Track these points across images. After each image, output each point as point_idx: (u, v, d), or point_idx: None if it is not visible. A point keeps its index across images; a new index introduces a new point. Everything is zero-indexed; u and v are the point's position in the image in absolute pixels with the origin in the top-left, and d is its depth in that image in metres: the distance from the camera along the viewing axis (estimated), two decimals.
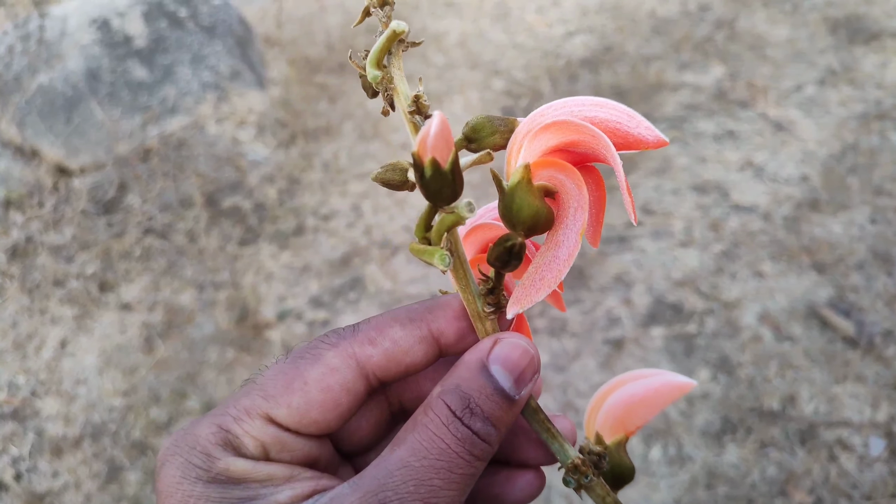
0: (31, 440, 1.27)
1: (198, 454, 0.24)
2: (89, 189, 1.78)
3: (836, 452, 1.14)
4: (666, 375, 0.30)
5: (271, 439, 0.25)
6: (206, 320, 1.46)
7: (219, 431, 0.25)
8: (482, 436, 0.24)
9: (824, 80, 1.94)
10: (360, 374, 0.26)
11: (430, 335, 0.27)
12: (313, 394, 0.26)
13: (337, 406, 0.26)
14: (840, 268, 1.41)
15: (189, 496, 0.24)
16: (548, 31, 2.34)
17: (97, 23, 2.04)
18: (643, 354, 1.30)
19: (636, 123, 0.26)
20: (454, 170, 0.24)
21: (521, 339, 0.26)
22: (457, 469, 0.24)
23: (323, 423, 0.26)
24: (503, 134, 0.27)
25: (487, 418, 0.25)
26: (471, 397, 0.25)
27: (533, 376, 0.26)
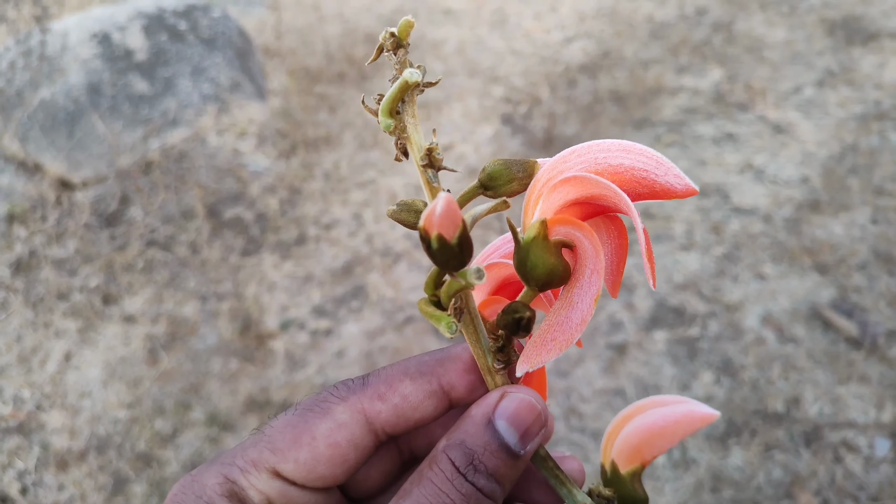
0: (37, 454, 1.28)
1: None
2: (92, 202, 1.79)
3: (842, 454, 1.13)
4: (688, 404, 0.27)
5: (277, 494, 0.25)
6: (210, 331, 1.46)
7: (225, 482, 0.25)
8: (486, 492, 0.24)
9: (823, 81, 1.94)
10: (368, 429, 0.26)
11: (441, 389, 0.27)
12: (321, 449, 0.26)
13: (344, 462, 0.26)
14: (842, 268, 1.41)
15: None
16: (546, 37, 2.35)
17: (98, 37, 2.06)
18: (646, 358, 1.30)
19: (664, 171, 0.25)
20: (461, 243, 0.24)
21: (529, 394, 0.26)
22: None
23: (330, 477, 0.26)
24: (521, 181, 0.27)
25: (492, 475, 0.24)
26: (475, 453, 0.24)
27: (539, 430, 0.26)
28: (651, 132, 1.85)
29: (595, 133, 1.87)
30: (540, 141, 1.87)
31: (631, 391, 1.25)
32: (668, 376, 1.27)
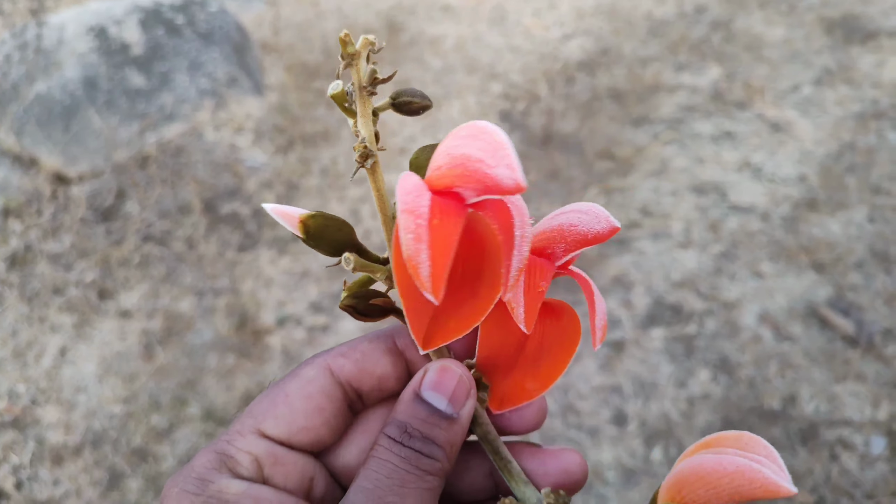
0: (32, 448, 1.27)
1: (192, 481, 0.26)
2: (88, 197, 1.78)
3: (838, 451, 1.14)
4: (763, 468, 0.24)
5: (264, 452, 0.27)
6: (206, 327, 1.46)
7: (215, 456, 0.27)
8: (425, 453, 0.26)
9: (821, 79, 1.94)
10: (335, 381, 0.29)
11: (396, 349, 0.30)
12: (296, 402, 0.28)
13: (321, 411, 0.28)
14: (839, 267, 1.41)
15: None
16: (544, 34, 2.35)
17: (94, 31, 2.05)
18: (643, 356, 1.30)
19: (496, 162, 0.23)
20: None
21: (449, 363, 0.28)
22: (409, 484, 0.25)
23: (311, 429, 0.28)
24: None
25: (427, 438, 0.26)
26: (408, 424, 0.27)
27: (466, 392, 0.28)
28: (649, 130, 1.85)
29: (594, 130, 1.87)
30: (538, 138, 1.87)
31: (628, 388, 1.25)
32: (666, 374, 1.27)
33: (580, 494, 1.11)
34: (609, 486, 1.13)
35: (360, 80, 0.28)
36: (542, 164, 1.77)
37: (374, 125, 0.30)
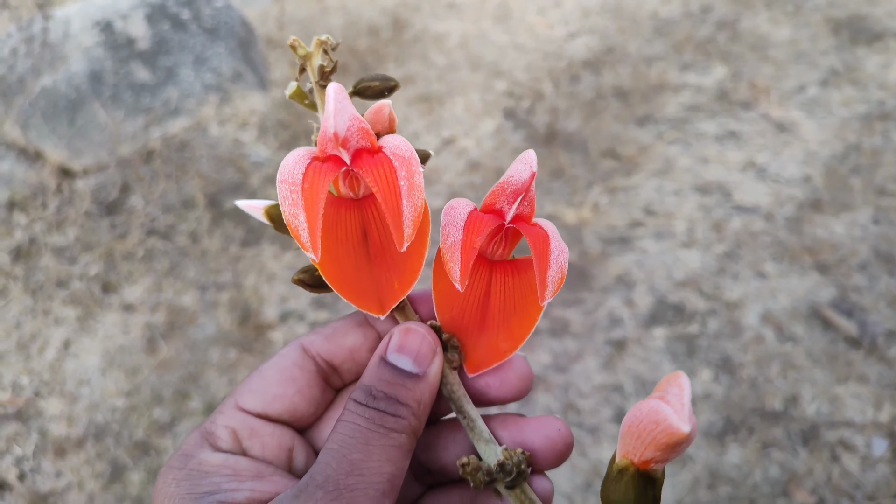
0: (35, 440, 1.28)
1: (177, 458, 0.27)
2: (92, 190, 1.78)
3: (839, 453, 1.14)
4: (667, 408, 0.24)
5: (241, 425, 0.29)
6: (209, 321, 1.46)
7: (198, 434, 0.28)
8: (389, 412, 0.27)
9: (827, 80, 1.93)
10: (306, 355, 0.30)
11: (367, 322, 0.31)
12: (269, 375, 0.30)
13: (293, 381, 0.30)
14: (842, 268, 1.41)
15: (167, 497, 0.26)
16: (549, 32, 2.34)
17: (100, 25, 2.05)
18: (645, 355, 1.30)
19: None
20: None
21: (412, 324, 0.29)
22: (373, 441, 0.26)
23: (284, 397, 0.29)
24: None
25: (390, 397, 0.27)
26: (372, 387, 0.28)
27: (432, 352, 0.29)
28: (654, 129, 1.85)
29: (597, 129, 1.87)
30: (542, 136, 1.87)
31: (629, 387, 1.25)
32: (667, 372, 1.27)
33: (580, 493, 1.11)
34: None
35: (314, 76, 0.30)
36: (546, 162, 1.77)
37: None
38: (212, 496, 0.26)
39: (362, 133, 0.28)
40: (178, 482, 0.26)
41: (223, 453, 0.28)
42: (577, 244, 1.52)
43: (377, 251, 0.29)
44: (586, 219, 1.58)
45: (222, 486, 0.26)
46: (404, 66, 2.22)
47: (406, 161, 0.28)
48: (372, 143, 0.29)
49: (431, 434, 0.31)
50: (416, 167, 0.28)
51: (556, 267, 0.29)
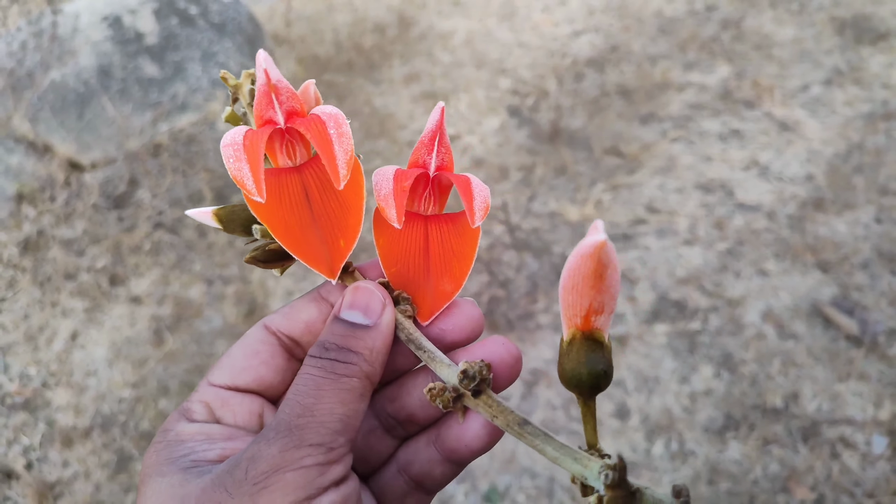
0: (42, 430, 1.29)
1: (159, 433, 0.30)
2: (100, 184, 1.80)
3: (839, 450, 1.14)
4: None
5: (213, 398, 0.31)
6: (215, 314, 1.47)
7: (177, 412, 0.31)
8: (340, 360, 0.29)
9: (831, 79, 1.94)
10: (268, 332, 0.33)
11: (320, 297, 0.34)
12: (235, 353, 0.32)
13: (256, 354, 0.32)
14: (844, 267, 1.42)
15: (148, 465, 0.29)
16: (554, 30, 2.35)
17: (109, 20, 2.06)
18: (647, 351, 1.31)
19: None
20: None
21: (361, 283, 0.32)
22: (325, 386, 0.28)
23: (249, 368, 0.32)
24: None
25: (342, 347, 0.29)
26: (326, 340, 0.30)
27: (381, 304, 0.31)
28: (657, 127, 1.86)
29: (601, 126, 1.88)
30: (546, 133, 1.87)
31: (631, 383, 1.26)
32: (668, 369, 1.28)
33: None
34: None
35: (246, 101, 0.34)
36: (550, 159, 1.78)
37: None
38: (186, 457, 0.28)
39: (291, 94, 0.32)
40: (157, 452, 0.29)
41: (198, 423, 0.30)
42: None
43: (320, 211, 0.32)
44: (589, 216, 1.59)
45: (196, 449, 0.29)
46: (409, 64, 2.23)
47: (333, 116, 0.32)
48: (301, 107, 0.33)
49: (395, 387, 0.34)
50: (343, 121, 0.32)
51: (480, 198, 0.33)
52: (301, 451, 0.26)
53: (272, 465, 0.26)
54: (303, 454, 0.26)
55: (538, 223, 1.59)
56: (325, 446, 0.27)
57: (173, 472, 0.28)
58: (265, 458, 0.26)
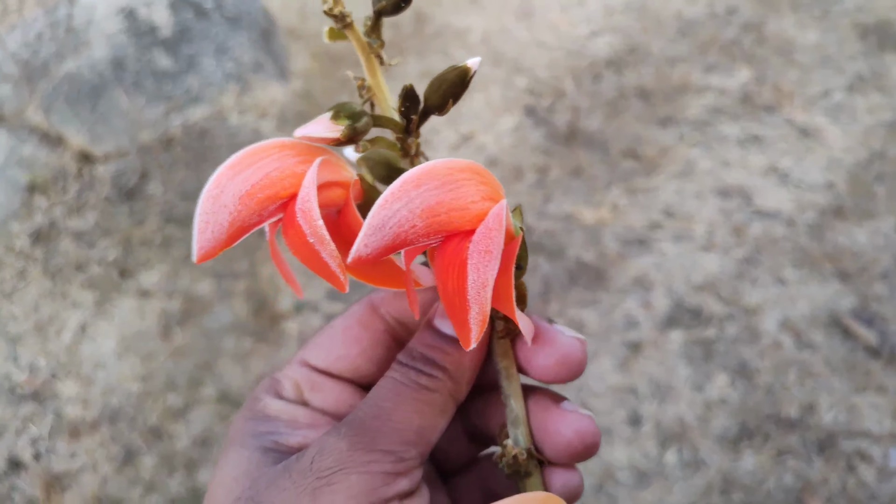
0: (50, 421, 1.29)
1: (250, 399, 0.31)
2: (112, 176, 1.80)
3: (855, 463, 1.12)
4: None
5: (304, 378, 0.31)
6: (224, 310, 1.47)
7: (269, 382, 0.31)
8: (424, 371, 0.28)
9: (853, 86, 1.91)
10: (374, 312, 0.31)
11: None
12: (336, 332, 0.31)
13: (357, 341, 0.31)
14: (864, 277, 1.39)
15: (235, 431, 0.29)
16: (572, 30, 2.33)
17: (124, 12, 2.06)
18: (661, 357, 1.29)
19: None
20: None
21: None
22: (404, 393, 0.28)
23: (347, 357, 0.31)
24: None
25: (427, 358, 0.29)
26: (414, 348, 0.29)
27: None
28: (675, 130, 1.83)
29: (619, 128, 1.86)
30: (563, 134, 1.86)
31: (644, 389, 1.25)
32: (683, 376, 1.26)
33: (592, 495, 1.10)
34: (621, 487, 1.12)
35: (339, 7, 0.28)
36: (566, 160, 1.76)
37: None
38: (269, 436, 0.29)
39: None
40: (244, 420, 0.30)
41: (284, 401, 0.30)
42: (595, 244, 1.52)
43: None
44: (605, 219, 1.57)
45: (279, 430, 0.29)
46: (425, 60, 2.22)
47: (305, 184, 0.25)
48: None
49: (484, 401, 0.32)
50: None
51: (475, 307, 0.24)
52: (370, 455, 0.25)
53: (338, 461, 0.25)
54: (371, 458, 0.25)
55: (553, 225, 1.57)
56: (395, 454, 0.26)
57: (254, 447, 0.28)
58: (332, 453, 0.26)
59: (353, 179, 0.28)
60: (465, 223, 0.24)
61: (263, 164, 0.26)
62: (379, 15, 0.27)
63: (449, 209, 0.23)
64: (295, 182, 0.26)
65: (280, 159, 0.26)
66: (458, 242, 0.24)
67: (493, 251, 0.23)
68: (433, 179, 0.23)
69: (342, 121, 0.26)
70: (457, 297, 0.23)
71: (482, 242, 0.23)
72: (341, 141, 0.26)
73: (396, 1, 0.26)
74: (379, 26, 0.27)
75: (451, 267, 0.24)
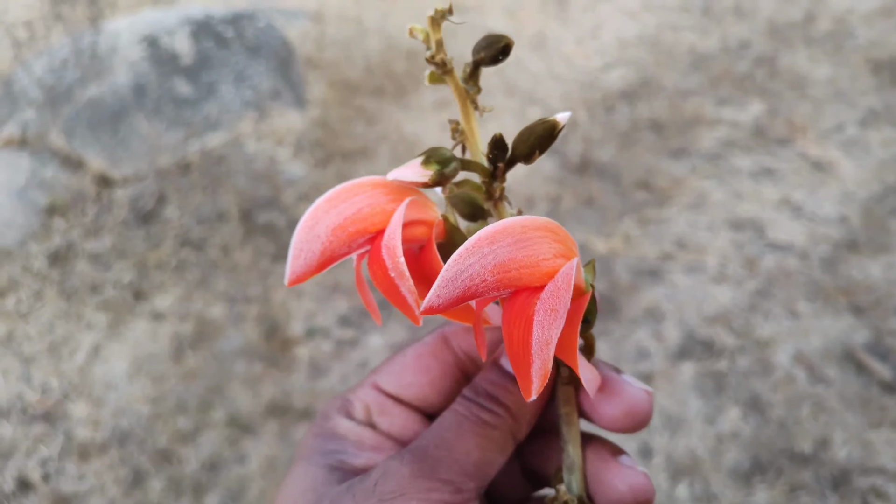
0: (61, 442, 1.29)
1: (321, 415, 0.32)
2: (130, 199, 1.82)
3: (870, 500, 1.10)
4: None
5: (373, 401, 0.32)
6: (236, 333, 1.47)
7: (340, 401, 0.32)
8: (487, 408, 0.29)
9: (866, 120, 1.91)
10: (445, 344, 0.32)
11: None
12: (408, 360, 0.32)
13: (427, 370, 0.32)
14: (878, 311, 1.38)
15: (304, 446, 0.31)
16: (586, 62, 2.36)
17: (147, 40, 2.11)
18: (672, 389, 1.28)
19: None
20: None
21: None
22: (466, 426, 0.28)
23: (416, 385, 0.32)
24: None
25: (491, 395, 0.29)
26: (480, 384, 0.30)
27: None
28: (688, 163, 1.84)
29: (631, 160, 1.87)
30: (575, 165, 1.87)
31: (655, 421, 1.23)
32: (694, 409, 1.25)
33: None
34: None
35: (436, 51, 0.29)
36: (578, 190, 1.77)
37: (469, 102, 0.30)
38: (335, 455, 0.30)
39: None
40: (314, 436, 0.31)
41: (354, 422, 0.31)
42: (607, 274, 1.51)
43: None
44: (617, 249, 1.58)
45: (346, 449, 0.30)
46: (440, 91, 2.25)
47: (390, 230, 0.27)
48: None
49: (544, 443, 0.33)
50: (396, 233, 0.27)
51: (538, 360, 0.24)
52: (431, 483, 0.26)
53: (400, 486, 0.26)
54: (432, 486, 0.26)
55: None
56: (454, 485, 0.27)
57: (320, 464, 0.29)
58: (395, 477, 0.27)
59: (437, 219, 0.30)
60: (535, 279, 0.25)
61: (357, 200, 0.28)
62: (477, 65, 0.29)
63: (520, 266, 0.25)
64: (384, 219, 0.28)
65: (373, 196, 0.28)
66: (527, 297, 0.25)
67: (559, 310, 0.24)
68: (507, 237, 0.24)
69: (432, 166, 0.28)
70: (521, 349, 0.24)
71: (550, 301, 0.24)
72: (429, 184, 0.28)
73: (495, 54, 0.28)
74: (477, 75, 0.29)
75: (518, 320, 0.25)
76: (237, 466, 1.24)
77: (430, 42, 0.28)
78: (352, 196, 0.28)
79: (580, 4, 2.74)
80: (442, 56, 0.28)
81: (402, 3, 2.85)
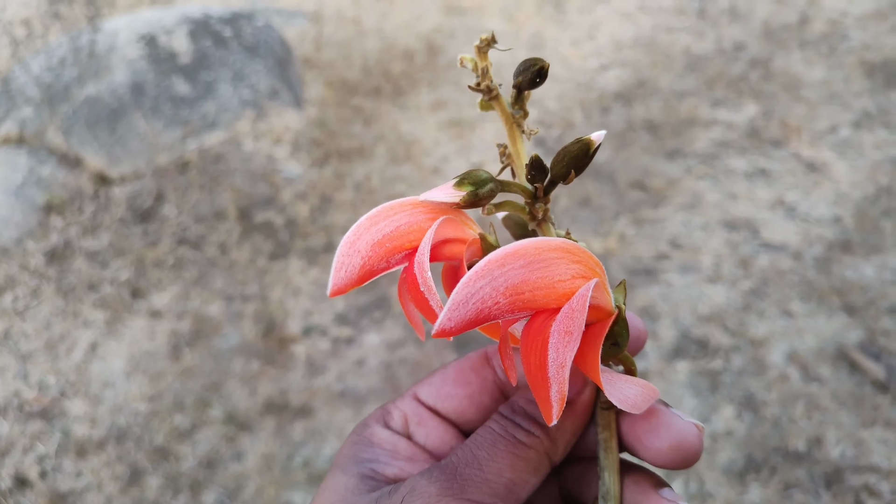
0: (58, 440, 1.30)
1: (361, 424, 0.32)
2: (128, 198, 1.82)
3: (863, 498, 1.11)
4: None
5: (412, 412, 0.32)
6: (233, 331, 1.48)
7: (380, 410, 0.32)
8: (523, 426, 0.29)
9: (859, 122, 1.93)
10: (486, 362, 0.32)
11: None
12: (449, 373, 0.32)
13: (467, 384, 0.32)
14: (871, 311, 1.39)
15: (341, 455, 0.31)
16: (582, 63, 2.37)
17: (145, 39, 2.11)
18: (667, 388, 1.29)
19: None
20: None
21: None
22: (500, 444, 0.28)
23: (454, 397, 0.32)
24: None
25: (527, 414, 0.29)
26: (517, 403, 0.30)
27: (583, 383, 0.30)
28: (683, 163, 1.85)
29: (626, 160, 1.88)
30: None
31: None
32: (689, 407, 1.26)
33: None
34: None
35: (487, 80, 0.29)
36: (574, 191, 1.78)
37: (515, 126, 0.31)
38: (368, 463, 0.30)
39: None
40: (352, 444, 0.31)
41: (391, 431, 0.31)
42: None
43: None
44: (612, 249, 1.58)
45: (379, 458, 0.30)
46: (437, 91, 2.26)
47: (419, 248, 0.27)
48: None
49: (583, 469, 0.32)
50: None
51: (556, 384, 0.24)
52: (457, 502, 0.26)
53: None
54: None
55: None
56: None
57: (353, 473, 0.29)
58: (422, 495, 0.26)
59: (473, 237, 0.30)
60: (552, 301, 0.25)
61: (397, 218, 0.29)
62: (519, 89, 0.29)
63: (534, 288, 0.24)
64: (420, 236, 0.28)
65: (412, 215, 0.29)
66: (543, 319, 0.25)
67: (573, 332, 0.24)
68: (518, 259, 0.24)
69: (465, 187, 0.28)
70: (539, 372, 0.24)
71: (564, 322, 0.24)
72: (460, 206, 0.28)
73: (532, 78, 0.29)
74: (522, 99, 0.30)
75: (534, 343, 0.25)
76: (234, 464, 1.24)
77: (477, 70, 0.29)
78: (392, 214, 0.29)
79: (577, 6, 2.75)
80: (487, 83, 0.29)
81: (400, 4, 2.86)
